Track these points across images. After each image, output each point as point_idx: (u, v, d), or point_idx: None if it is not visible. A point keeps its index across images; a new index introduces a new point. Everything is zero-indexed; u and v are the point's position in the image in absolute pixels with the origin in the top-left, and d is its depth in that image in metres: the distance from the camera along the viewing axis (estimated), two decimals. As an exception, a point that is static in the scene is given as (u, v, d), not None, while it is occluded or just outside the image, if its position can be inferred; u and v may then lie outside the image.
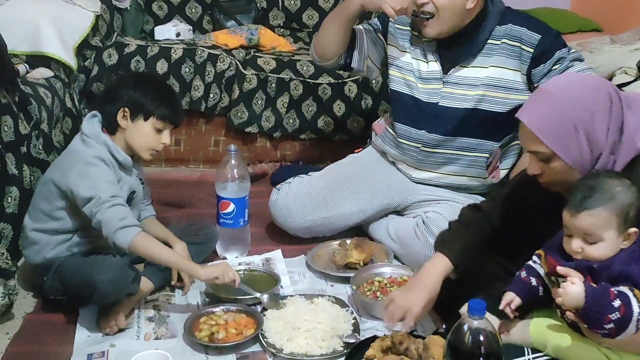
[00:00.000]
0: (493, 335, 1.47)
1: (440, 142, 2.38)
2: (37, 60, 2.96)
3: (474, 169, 2.43)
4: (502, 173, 2.46)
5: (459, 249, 1.89)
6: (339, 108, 3.30)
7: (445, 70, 2.34)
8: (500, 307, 1.62)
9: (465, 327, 1.46)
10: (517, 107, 1.76)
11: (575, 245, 1.53)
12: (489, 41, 2.29)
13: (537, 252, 1.67)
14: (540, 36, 2.24)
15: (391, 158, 2.55)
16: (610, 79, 3.10)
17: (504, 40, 2.28)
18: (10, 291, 2.06)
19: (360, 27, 2.47)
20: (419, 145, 2.42)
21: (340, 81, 3.28)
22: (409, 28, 2.40)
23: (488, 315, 1.50)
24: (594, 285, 1.50)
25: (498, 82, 2.29)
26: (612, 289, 1.47)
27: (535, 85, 2.27)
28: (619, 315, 1.44)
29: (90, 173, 2.03)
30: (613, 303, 1.44)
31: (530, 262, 1.67)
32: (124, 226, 1.97)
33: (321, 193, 2.52)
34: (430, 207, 2.45)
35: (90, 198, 2.00)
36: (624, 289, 1.47)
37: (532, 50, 2.24)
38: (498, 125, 2.34)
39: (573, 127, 1.57)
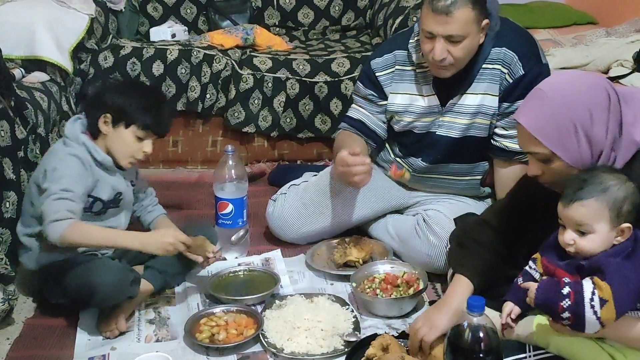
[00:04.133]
0: (493, 331, 1.47)
1: (430, 168, 2.39)
2: (33, 64, 2.95)
3: (469, 190, 2.43)
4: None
5: (479, 271, 1.83)
6: (335, 106, 3.29)
7: (443, 102, 2.28)
8: (502, 322, 1.61)
9: (465, 324, 1.47)
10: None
11: (567, 237, 1.52)
12: (484, 65, 2.22)
13: (533, 256, 1.66)
14: (523, 73, 2.17)
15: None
16: (606, 71, 3.10)
17: (496, 65, 2.21)
18: (10, 296, 2.06)
19: (362, 117, 2.42)
20: (410, 170, 2.43)
21: (336, 79, 3.27)
22: (394, 68, 2.34)
23: (488, 311, 1.50)
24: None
25: (486, 108, 2.25)
26: (563, 279, 1.48)
27: (498, 114, 2.25)
28: (570, 303, 1.44)
29: (59, 167, 2.03)
30: (562, 291, 1.45)
31: (527, 268, 1.65)
32: (56, 219, 1.92)
33: (317, 204, 2.49)
34: (431, 205, 2.44)
35: (45, 190, 1.99)
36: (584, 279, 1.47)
37: (511, 81, 2.19)
38: (485, 149, 2.33)
39: (572, 127, 1.54)
